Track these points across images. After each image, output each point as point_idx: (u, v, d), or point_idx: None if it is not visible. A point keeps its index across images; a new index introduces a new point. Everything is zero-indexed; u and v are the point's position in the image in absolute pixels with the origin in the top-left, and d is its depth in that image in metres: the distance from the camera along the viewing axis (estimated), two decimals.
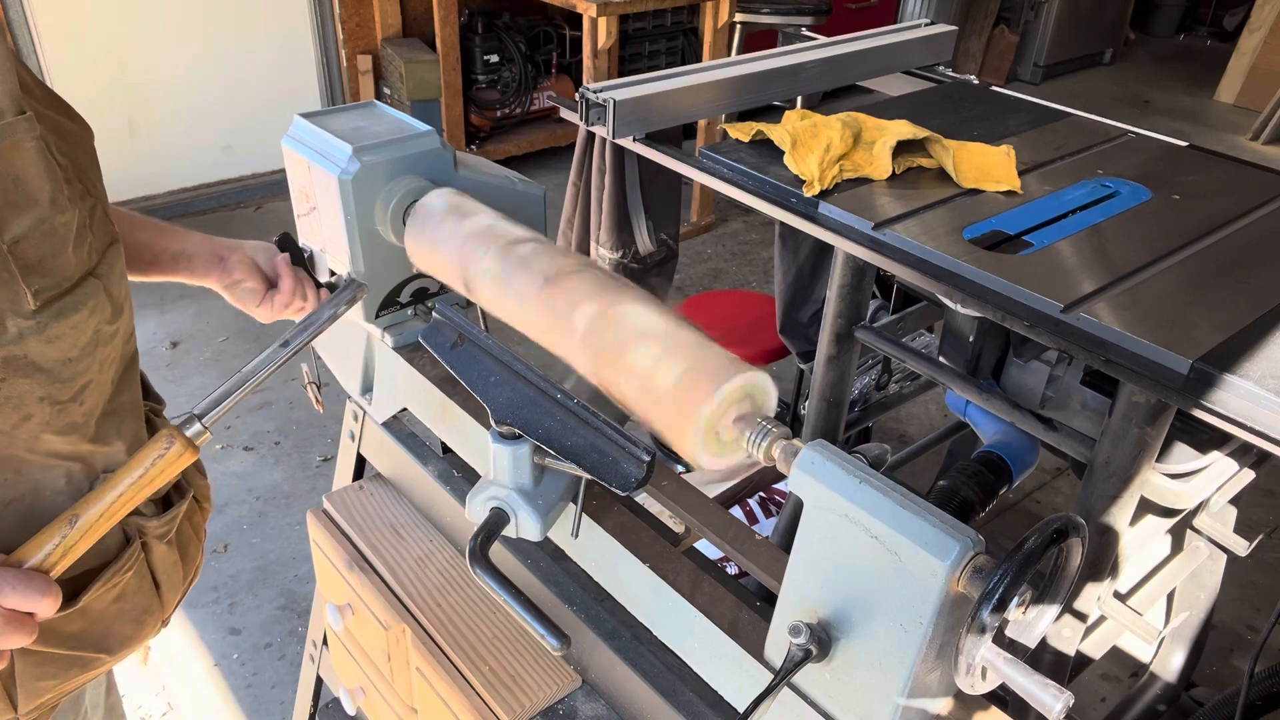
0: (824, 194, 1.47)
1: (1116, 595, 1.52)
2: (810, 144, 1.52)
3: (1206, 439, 1.38)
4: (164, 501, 1.02)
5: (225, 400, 0.94)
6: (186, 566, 1.09)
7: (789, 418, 2.50)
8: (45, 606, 0.83)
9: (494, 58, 4.77)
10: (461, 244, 1.16)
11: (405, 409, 1.41)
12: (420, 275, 1.39)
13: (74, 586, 0.91)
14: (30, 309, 0.80)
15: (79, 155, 0.89)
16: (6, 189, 0.77)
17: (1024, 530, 0.73)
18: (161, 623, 1.06)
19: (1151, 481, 1.37)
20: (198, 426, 0.91)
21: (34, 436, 0.85)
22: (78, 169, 0.87)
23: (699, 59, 4.66)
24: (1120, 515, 1.33)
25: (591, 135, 1.78)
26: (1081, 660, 1.55)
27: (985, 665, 0.75)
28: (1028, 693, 0.73)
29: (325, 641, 1.67)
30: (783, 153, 1.53)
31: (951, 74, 2.14)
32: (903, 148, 1.55)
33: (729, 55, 4.31)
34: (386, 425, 1.46)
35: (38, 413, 0.84)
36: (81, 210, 0.86)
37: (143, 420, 1.01)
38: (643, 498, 1.10)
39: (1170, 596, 1.86)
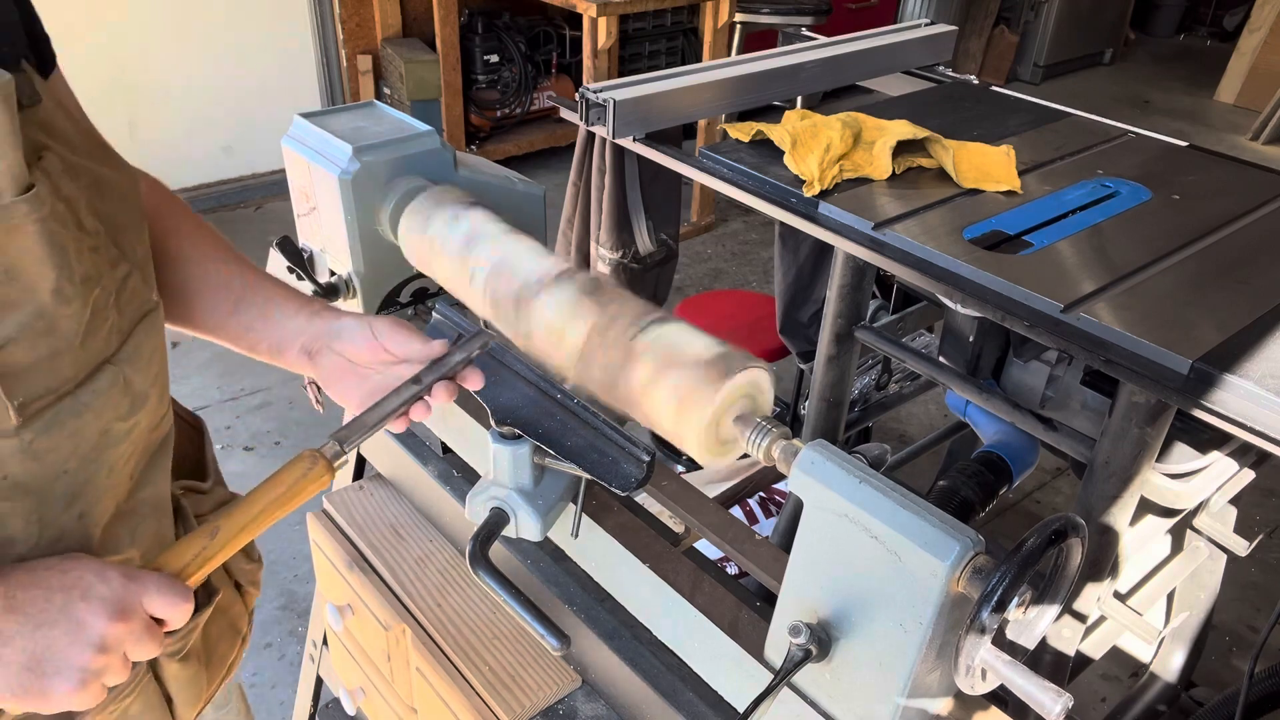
0: (824, 194, 1.47)
1: (1116, 595, 1.52)
2: (810, 144, 1.52)
3: (1206, 439, 1.38)
4: None
5: (365, 432, 0.90)
6: (213, 671, 1.00)
7: (789, 418, 2.50)
8: (181, 614, 0.76)
9: (494, 58, 4.77)
10: (445, 247, 1.17)
11: None
12: (420, 275, 1.39)
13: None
14: (12, 425, 0.70)
15: (118, 213, 0.79)
16: None
17: (1024, 530, 0.73)
18: None
19: (1151, 481, 1.37)
20: (336, 448, 0.88)
21: (18, 558, 0.76)
22: (113, 231, 0.77)
23: (699, 59, 4.66)
24: (1120, 515, 1.33)
25: (591, 135, 1.78)
26: (1081, 660, 1.55)
27: (985, 667, 0.75)
28: (1027, 694, 0.73)
29: (325, 641, 1.67)
30: (783, 153, 1.53)
31: (951, 74, 2.14)
32: (903, 148, 1.55)
33: (729, 55, 4.31)
34: None
35: (23, 536, 0.75)
36: (106, 286, 0.76)
37: (169, 514, 0.92)
38: (643, 498, 1.10)
39: (1170, 596, 1.86)
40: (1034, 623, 0.79)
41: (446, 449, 1.47)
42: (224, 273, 0.99)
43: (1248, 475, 1.54)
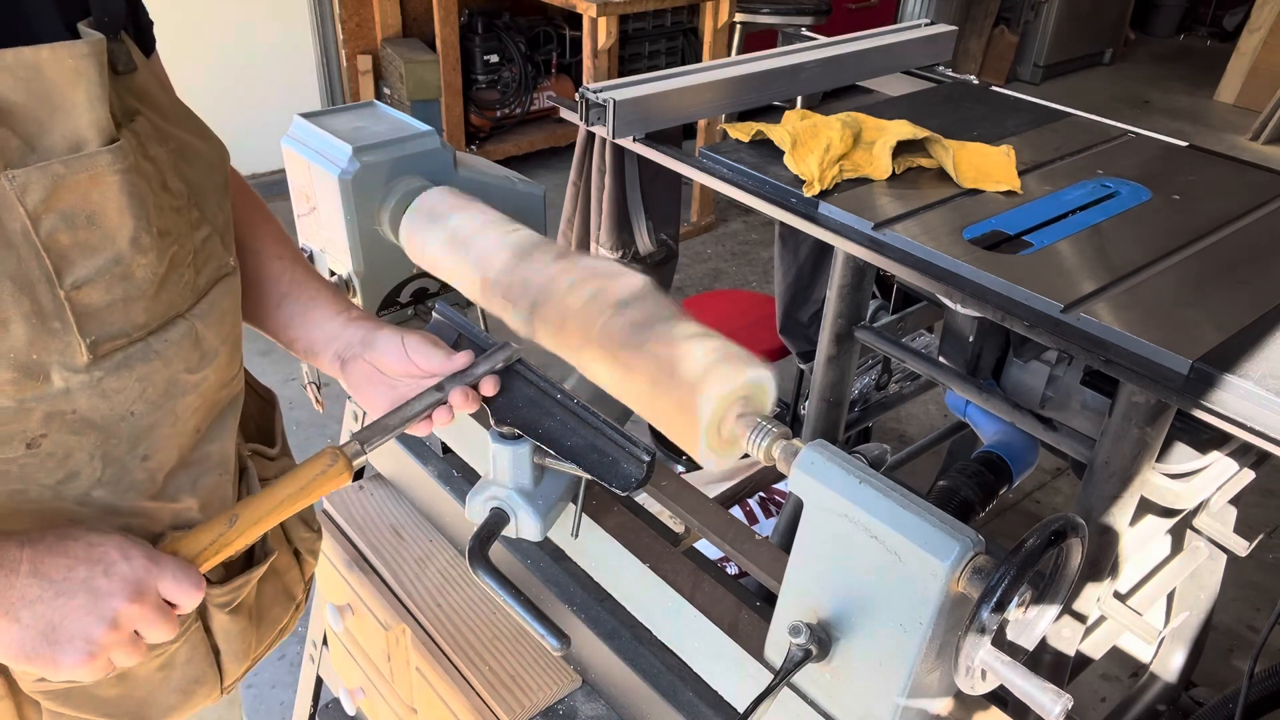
0: (824, 194, 1.47)
1: (1116, 595, 1.52)
2: (810, 144, 1.52)
3: (1206, 439, 1.38)
4: (232, 566, 0.94)
5: (386, 434, 0.93)
6: (264, 632, 1.02)
7: (789, 418, 2.50)
8: (191, 600, 0.79)
9: (494, 58, 4.77)
10: (452, 243, 1.17)
11: None
12: (420, 275, 1.39)
13: None
14: (83, 362, 0.73)
15: (203, 180, 0.83)
16: (77, 227, 0.71)
17: (1024, 530, 0.73)
18: (221, 691, 0.98)
19: (1151, 481, 1.37)
20: (356, 448, 0.90)
21: (83, 493, 0.79)
22: (196, 195, 0.81)
23: (699, 59, 4.66)
24: (1120, 515, 1.33)
25: (591, 135, 1.78)
26: (1081, 660, 1.55)
27: (985, 668, 0.75)
28: (1027, 695, 0.73)
29: (325, 641, 1.67)
30: (783, 153, 1.53)
31: (951, 74, 2.14)
32: (903, 148, 1.55)
33: (729, 55, 4.31)
34: None
35: (87, 470, 0.79)
36: (184, 245, 0.79)
37: (232, 471, 0.95)
38: (643, 498, 1.10)
39: (1170, 596, 1.86)
40: (1034, 623, 0.79)
41: (446, 449, 1.47)
42: (276, 267, 1.02)
43: (1248, 475, 1.54)
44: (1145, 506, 1.42)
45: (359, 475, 1.61)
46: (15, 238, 0.68)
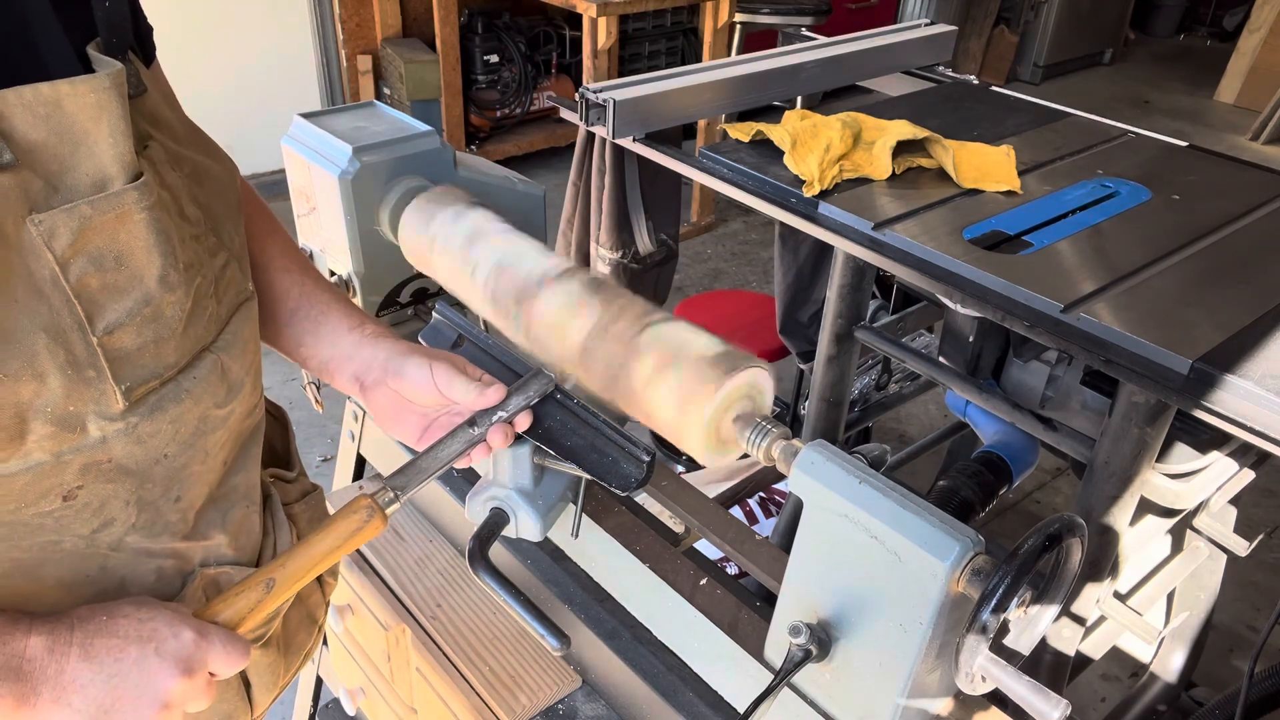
0: (824, 194, 1.47)
1: (1116, 595, 1.52)
2: (810, 144, 1.52)
3: (1206, 439, 1.38)
4: None
5: (423, 479, 0.90)
6: (290, 659, 1.00)
7: (789, 418, 2.50)
8: (239, 668, 0.77)
9: (494, 58, 4.77)
10: (446, 245, 1.17)
11: None
12: (420, 275, 1.39)
13: None
14: (118, 410, 0.71)
15: (217, 203, 0.81)
16: (105, 269, 0.68)
17: (1024, 530, 0.73)
18: None
19: (1151, 481, 1.37)
20: (391, 496, 0.87)
21: (117, 540, 0.77)
22: (213, 220, 0.79)
23: (699, 59, 4.66)
24: (1120, 515, 1.33)
25: (591, 135, 1.78)
26: (1081, 660, 1.55)
27: (983, 674, 0.75)
28: (1025, 701, 0.73)
29: (325, 642, 1.67)
30: (783, 153, 1.53)
31: (951, 74, 2.14)
32: (903, 148, 1.55)
33: (729, 55, 4.31)
34: None
35: (122, 517, 0.77)
36: (206, 274, 0.77)
37: (257, 501, 0.92)
38: (643, 498, 1.10)
39: (1170, 596, 1.86)
40: (1034, 623, 0.79)
41: None
42: (284, 282, 0.98)
43: (1248, 475, 1.54)
44: (1145, 506, 1.42)
45: (359, 475, 1.61)
46: (45, 285, 0.65)
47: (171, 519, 0.80)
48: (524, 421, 0.95)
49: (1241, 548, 1.68)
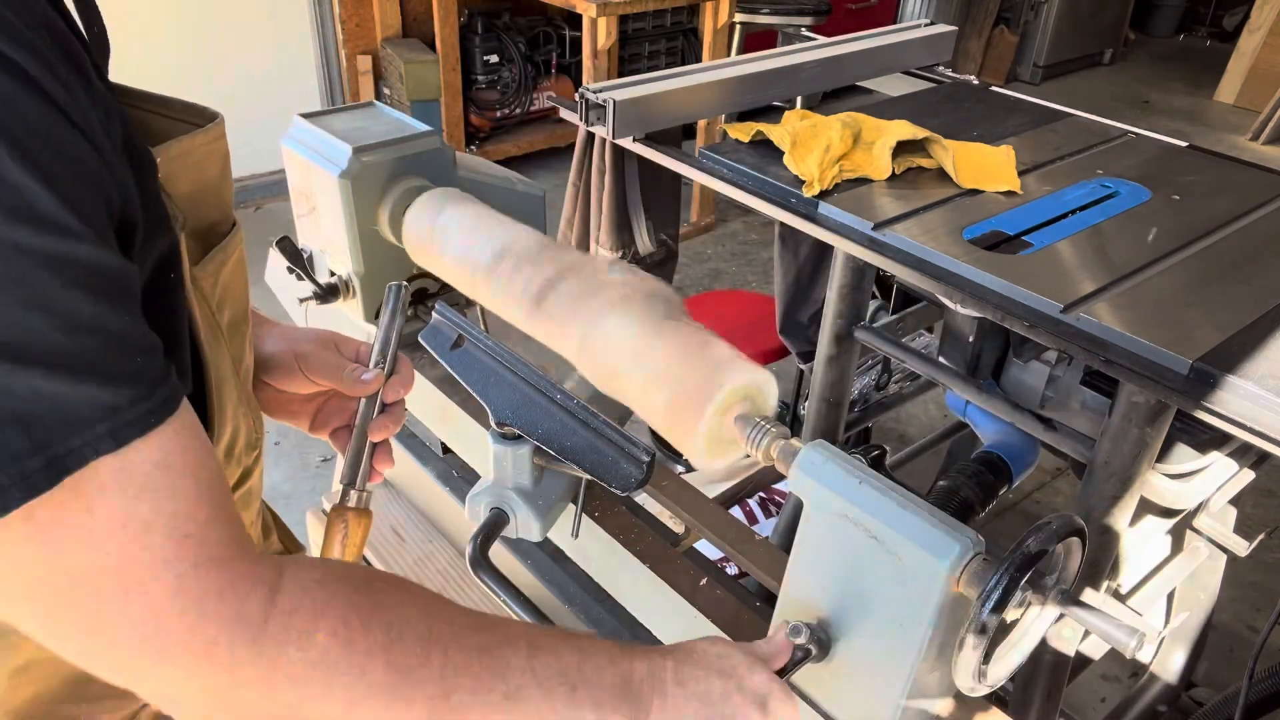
0: (824, 194, 1.47)
1: (1116, 595, 1.51)
2: (810, 144, 1.52)
3: (1206, 439, 1.38)
4: None
5: (360, 462, 0.90)
6: None
7: (789, 418, 2.49)
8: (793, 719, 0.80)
9: (494, 58, 4.77)
10: (451, 238, 1.17)
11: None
12: (420, 275, 1.39)
13: None
14: (258, 438, 0.77)
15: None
16: (236, 315, 0.70)
17: (1024, 530, 0.73)
18: None
19: (1151, 482, 1.37)
20: (354, 496, 0.88)
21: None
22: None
23: (699, 59, 4.66)
24: (1120, 515, 1.33)
25: (591, 135, 1.78)
26: (1081, 660, 1.55)
27: (1071, 616, 0.74)
28: (1106, 634, 0.73)
29: None
30: (783, 153, 1.53)
31: (951, 74, 2.14)
32: (902, 148, 1.55)
33: (729, 55, 4.31)
34: None
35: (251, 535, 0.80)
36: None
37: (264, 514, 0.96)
38: (643, 498, 1.10)
39: (1170, 596, 1.86)
40: (1034, 623, 0.79)
41: (446, 449, 1.47)
42: None
43: (1248, 475, 1.54)
44: (1145, 507, 1.42)
45: None
46: (220, 333, 0.68)
47: (254, 539, 0.85)
48: (393, 392, 0.91)
49: (1241, 548, 1.68)
